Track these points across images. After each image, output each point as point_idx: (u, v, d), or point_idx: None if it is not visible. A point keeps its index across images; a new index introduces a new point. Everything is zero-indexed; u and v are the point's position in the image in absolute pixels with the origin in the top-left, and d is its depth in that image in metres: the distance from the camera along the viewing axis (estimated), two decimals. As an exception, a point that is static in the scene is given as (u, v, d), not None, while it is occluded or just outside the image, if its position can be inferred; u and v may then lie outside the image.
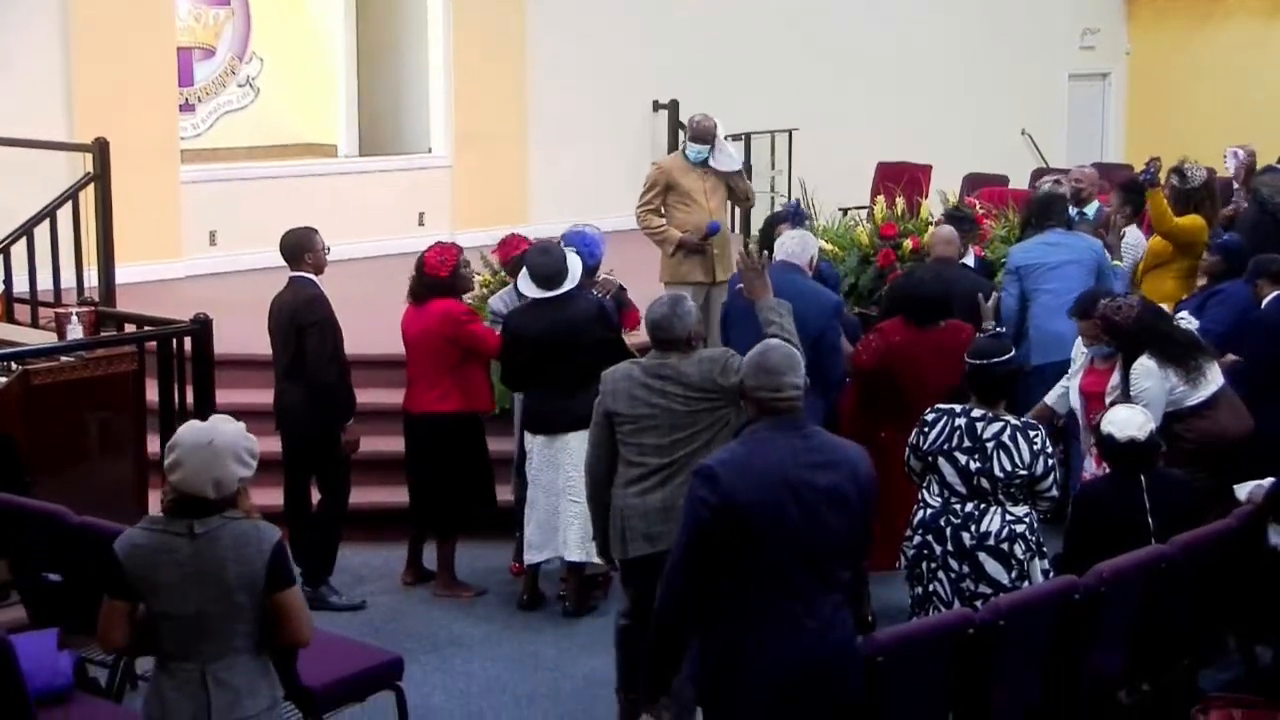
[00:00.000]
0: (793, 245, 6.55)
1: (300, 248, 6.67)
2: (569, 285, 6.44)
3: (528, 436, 6.62)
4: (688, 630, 3.98)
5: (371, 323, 8.22)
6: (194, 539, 3.71)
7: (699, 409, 5.11)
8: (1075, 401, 6.66)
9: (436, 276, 6.75)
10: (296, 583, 3.85)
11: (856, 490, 3.93)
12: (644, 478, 5.15)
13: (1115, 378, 6.31)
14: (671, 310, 5.21)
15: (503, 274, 7.71)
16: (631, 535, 5.18)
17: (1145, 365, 6.10)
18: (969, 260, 8.09)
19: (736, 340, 5.82)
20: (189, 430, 3.81)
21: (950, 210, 8.72)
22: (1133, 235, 8.28)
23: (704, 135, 8.22)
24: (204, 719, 3.73)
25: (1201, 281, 7.56)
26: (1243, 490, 5.68)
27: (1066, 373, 6.84)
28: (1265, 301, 6.98)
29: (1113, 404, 6.03)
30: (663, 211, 8.23)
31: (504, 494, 7.09)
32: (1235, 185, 9.86)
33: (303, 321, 6.56)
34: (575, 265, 6.52)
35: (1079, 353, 6.80)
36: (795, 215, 7.73)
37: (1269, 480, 5.56)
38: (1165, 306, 7.00)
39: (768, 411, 3.92)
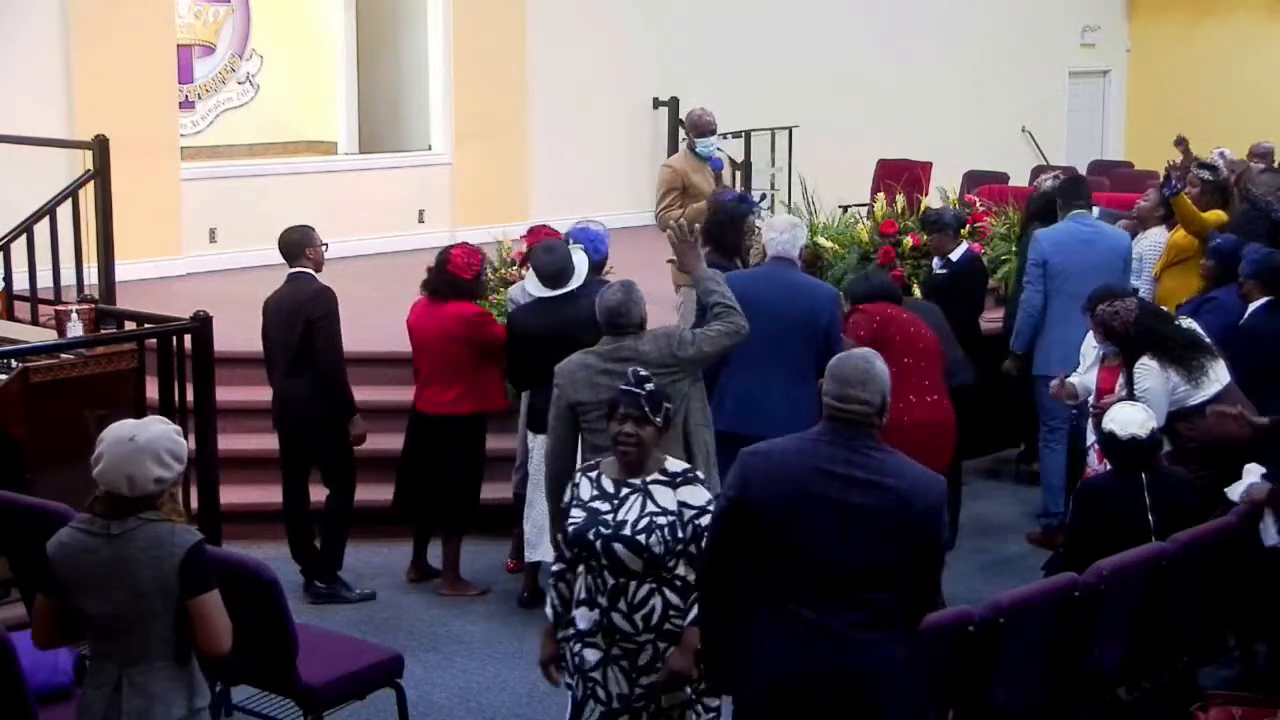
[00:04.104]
0: (783, 238, 6.39)
1: (301, 244, 6.69)
2: (574, 284, 6.40)
3: (530, 435, 6.61)
4: (722, 610, 3.96)
5: (372, 320, 8.23)
6: (111, 539, 3.69)
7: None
8: (1091, 399, 6.65)
9: (460, 277, 6.68)
10: (214, 589, 3.73)
11: (906, 519, 3.73)
12: None
13: (1122, 377, 6.31)
14: (628, 296, 5.32)
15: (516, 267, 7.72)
16: None
17: (1147, 365, 6.11)
18: (955, 256, 8.03)
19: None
20: (116, 426, 3.78)
21: (926, 212, 8.70)
22: (1161, 235, 8.25)
23: (708, 128, 8.33)
24: None
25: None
26: (1234, 491, 5.60)
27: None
28: (1251, 308, 6.89)
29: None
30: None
31: (504, 492, 7.09)
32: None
33: (312, 314, 6.56)
34: (581, 264, 6.48)
35: (1089, 348, 6.80)
36: (745, 201, 7.56)
37: (1258, 476, 5.51)
38: (1168, 307, 7.00)
39: (829, 417, 3.83)
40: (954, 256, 8.00)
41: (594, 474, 4.43)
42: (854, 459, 3.76)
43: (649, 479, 4.32)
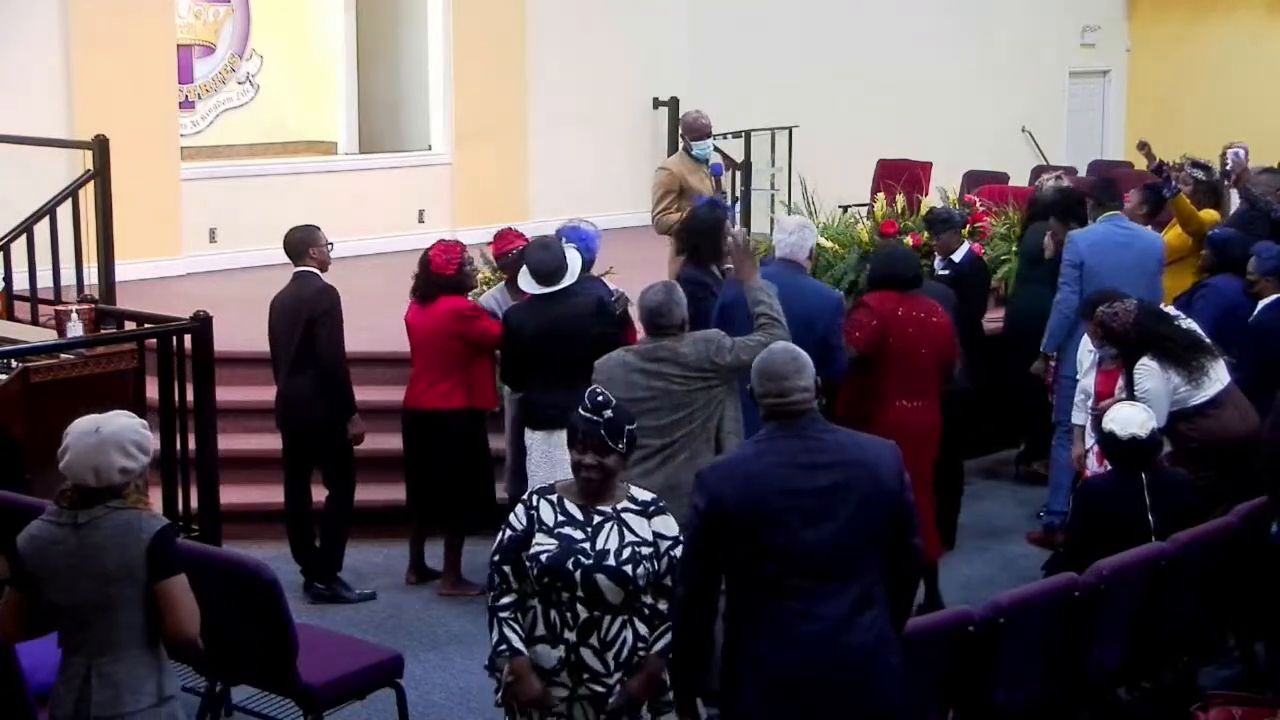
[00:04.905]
0: (790, 240, 6.38)
1: (305, 244, 6.71)
2: (568, 281, 6.45)
3: (527, 433, 6.61)
4: (702, 634, 3.96)
5: (373, 320, 8.22)
6: (78, 528, 3.73)
7: (695, 388, 5.30)
8: (1090, 401, 6.64)
9: (443, 274, 6.75)
10: (181, 574, 3.77)
11: (874, 487, 3.81)
12: (645, 459, 5.22)
13: (1122, 378, 6.31)
14: (668, 297, 5.37)
15: (498, 270, 7.68)
16: None
17: (1147, 365, 6.11)
18: (957, 256, 8.01)
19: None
20: (81, 420, 3.82)
21: (933, 211, 8.69)
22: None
23: (703, 130, 8.31)
24: (84, 711, 3.73)
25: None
26: None
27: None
28: (1262, 305, 6.90)
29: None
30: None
31: (500, 491, 7.08)
32: (1226, 183, 9.84)
33: (314, 311, 6.58)
34: (575, 261, 6.53)
35: (1086, 352, 6.80)
36: (718, 206, 7.47)
37: None
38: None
39: (775, 416, 3.87)
40: (956, 257, 8.00)
41: (553, 497, 4.21)
42: (810, 445, 3.84)
43: (620, 506, 4.16)
